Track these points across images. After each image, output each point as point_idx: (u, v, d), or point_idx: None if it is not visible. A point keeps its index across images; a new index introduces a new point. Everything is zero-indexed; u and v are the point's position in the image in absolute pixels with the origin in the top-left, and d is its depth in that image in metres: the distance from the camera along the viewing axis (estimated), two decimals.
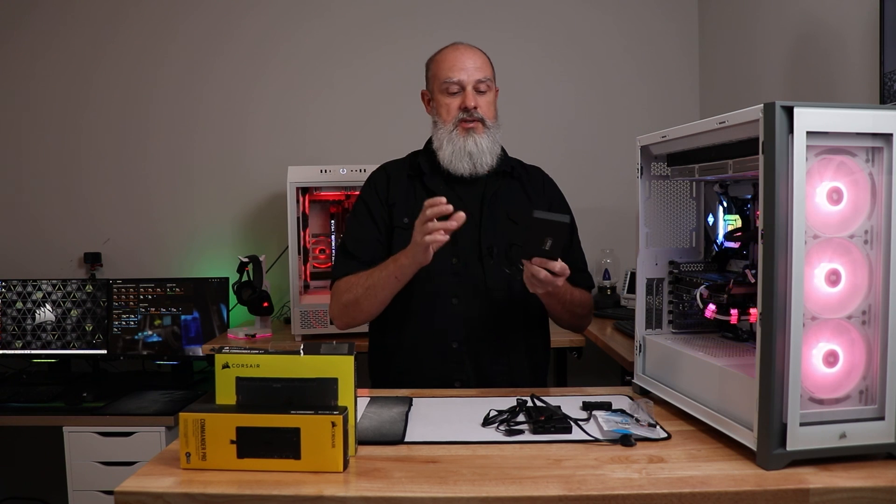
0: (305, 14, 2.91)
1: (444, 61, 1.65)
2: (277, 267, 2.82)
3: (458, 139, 1.61)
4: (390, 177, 1.70)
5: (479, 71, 1.63)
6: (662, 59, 2.93)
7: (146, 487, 0.96)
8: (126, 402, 2.39)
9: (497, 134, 1.65)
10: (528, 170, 1.75)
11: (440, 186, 1.64)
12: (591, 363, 2.57)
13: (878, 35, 1.68)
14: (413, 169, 1.69)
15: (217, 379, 1.06)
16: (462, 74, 1.62)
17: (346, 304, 1.59)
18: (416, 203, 1.63)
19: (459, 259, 1.60)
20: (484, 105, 1.63)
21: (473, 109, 1.61)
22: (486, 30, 2.85)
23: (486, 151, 1.61)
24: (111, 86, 2.91)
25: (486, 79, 1.63)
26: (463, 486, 0.96)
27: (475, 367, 1.58)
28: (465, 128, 1.61)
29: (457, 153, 1.61)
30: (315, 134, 2.92)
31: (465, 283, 1.59)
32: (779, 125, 0.95)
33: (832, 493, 0.93)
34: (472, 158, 1.61)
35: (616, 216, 2.86)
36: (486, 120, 1.63)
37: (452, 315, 1.58)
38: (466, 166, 1.61)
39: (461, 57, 1.64)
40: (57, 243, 2.92)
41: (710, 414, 1.14)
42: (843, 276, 1.01)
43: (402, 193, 1.67)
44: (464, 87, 1.62)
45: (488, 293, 1.59)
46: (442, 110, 1.64)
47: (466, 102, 1.61)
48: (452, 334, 1.58)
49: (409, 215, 1.62)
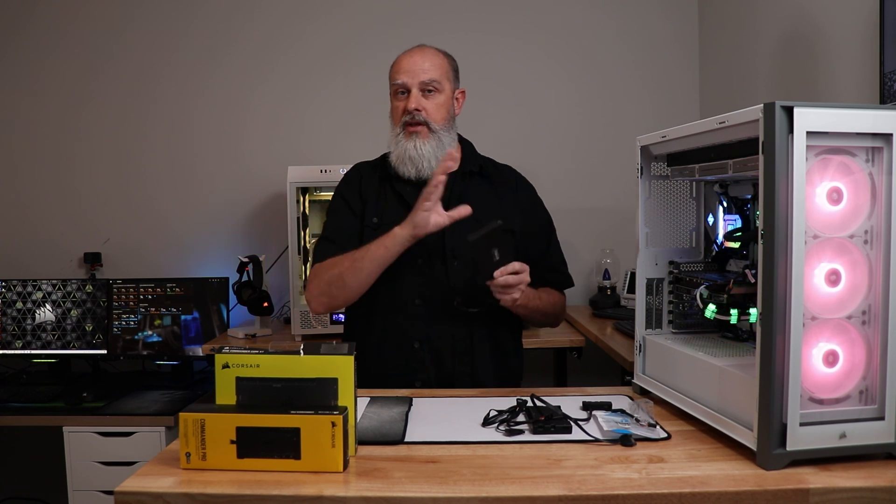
0: (306, 16, 2.91)
1: (396, 64, 1.66)
2: (277, 267, 2.82)
3: (401, 142, 1.62)
4: (363, 177, 1.71)
5: (426, 73, 1.61)
6: (662, 59, 2.93)
7: (146, 487, 0.97)
8: (126, 402, 2.39)
9: (445, 138, 1.63)
10: (499, 168, 1.74)
11: (405, 189, 1.64)
12: (591, 363, 2.57)
13: (878, 35, 1.68)
14: (383, 171, 1.69)
15: (217, 379, 1.06)
16: (406, 77, 1.62)
17: (328, 282, 1.58)
18: (387, 205, 1.65)
19: (424, 260, 1.60)
20: (431, 108, 1.62)
21: (416, 112, 1.60)
22: (486, 32, 2.86)
23: (427, 156, 1.60)
24: (112, 86, 2.91)
25: (432, 80, 1.62)
26: (463, 486, 0.96)
27: (437, 367, 1.58)
28: (410, 131, 1.62)
29: (400, 157, 1.62)
30: (315, 134, 2.92)
31: (428, 284, 1.59)
32: (779, 125, 0.95)
33: (832, 493, 0.93)
34: (413, 162, 1.61)
35: (616, 216, 2.87)
36: (432, 123, 1.61)
37: (415, 315, 1.58)
38: (410, 170, 1.62)
39: (410, 59, 1.64)
40: (57, 243, 2.92)
41: (709, 414, 1.14)
42: (843, 276, 1.01)
43: (373, 194, 1.67)
44: (408, 89, 1.62)
45: (451, 294, 1.58)
46: (392, 113, 1.67)
47: (408, 105, 1.61)
48: (414, 334, 1.58)
49: (378, 215, 1.63)
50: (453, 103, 1.69)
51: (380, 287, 1.57)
